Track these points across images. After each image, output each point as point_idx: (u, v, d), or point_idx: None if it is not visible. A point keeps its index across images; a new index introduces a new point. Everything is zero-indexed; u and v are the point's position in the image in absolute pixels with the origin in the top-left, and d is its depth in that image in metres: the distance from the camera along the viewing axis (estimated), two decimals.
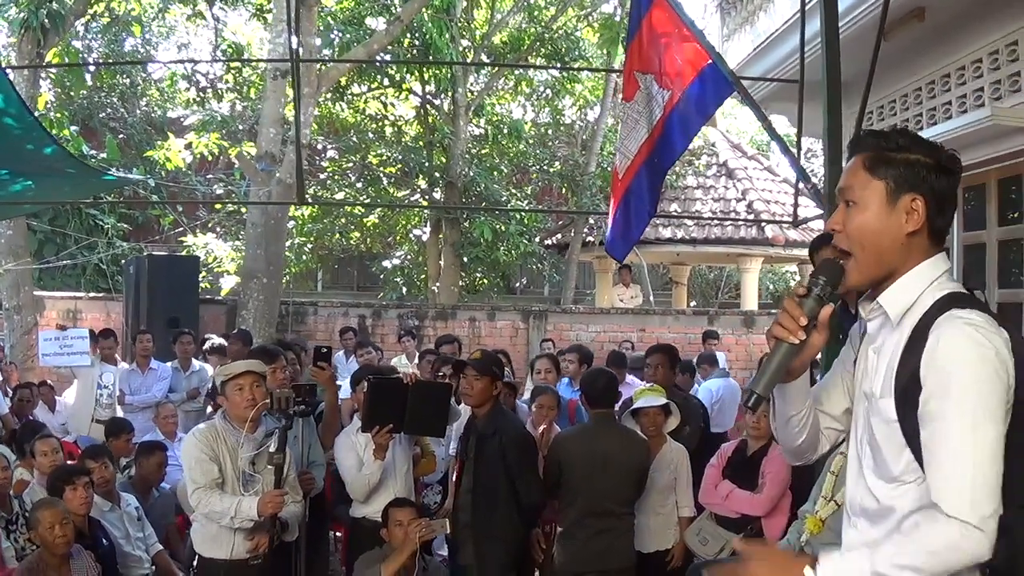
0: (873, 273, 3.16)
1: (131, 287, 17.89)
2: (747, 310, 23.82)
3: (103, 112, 29.31)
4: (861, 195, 3.13)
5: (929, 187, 3.07)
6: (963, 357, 2.86)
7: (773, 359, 3.14)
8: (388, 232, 30.87)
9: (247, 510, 6.49)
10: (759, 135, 39.93)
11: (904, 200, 3.07)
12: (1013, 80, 9.37)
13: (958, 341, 2.88)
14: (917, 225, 3.07)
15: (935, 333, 2.93)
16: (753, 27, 13.45)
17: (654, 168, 7.87)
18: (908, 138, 3.17)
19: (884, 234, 3.10)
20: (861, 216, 3.13)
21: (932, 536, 2.80)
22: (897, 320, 3.12)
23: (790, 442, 3.44)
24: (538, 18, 27.74)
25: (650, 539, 8.04)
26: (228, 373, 6.93)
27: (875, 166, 3.13)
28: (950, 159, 3.15)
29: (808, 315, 3.09)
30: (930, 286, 3.09)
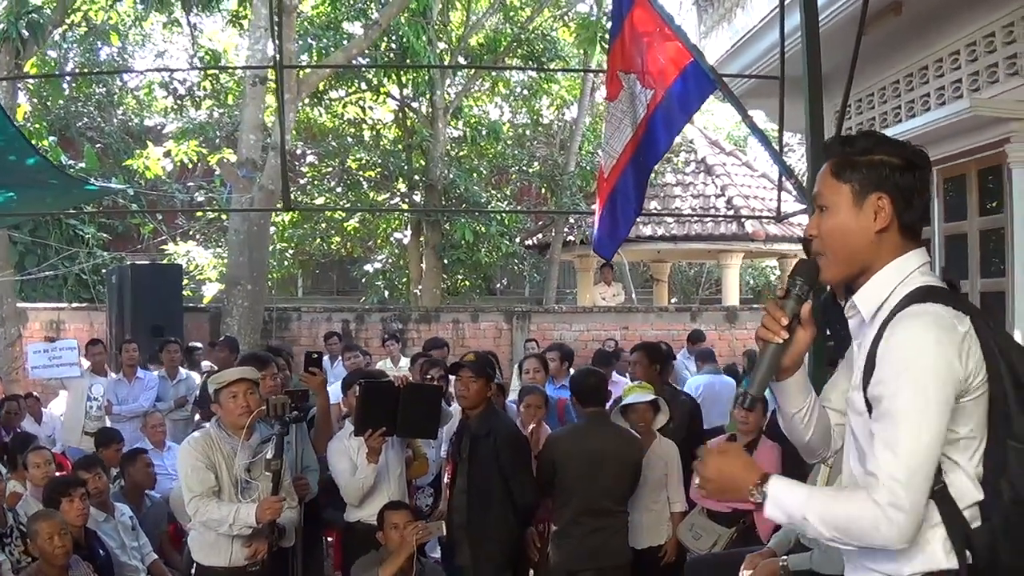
0: (845, 270, 3.28)
1: (114, 297, 17.88)
2: (729, 305, 23.91)
3: (80, 122, 29.30)
4: (831, 200, 3.25)
5: (894, 184, 3.17)
6: (911, 349, 2.97)
7: (763, 360, 3.27)
8: (369, 236, 30.87)
9: (245, 517, 6.49)
10: (736, 131, 40.04)
11: (870, 200, 3.18)
12: (991, 71, 9.43)
13: (908, 333, 2.99)
14: (885, 223, 3.17)
15: (893, 325, 3.04)
16: (730, 24, 13.50)
17: (639, 167, 7.92)
18: (872, 140, 3.28)
19: (854, 234, 3.21)
20: (832, 220, 3.25)
21: (857, 509, 2.93)
22: (869, 317, 3.22)
23: (800, 438, 3.51)
24: (514, 19, 27.76)
25: (643, 535, 8.06)
26: (221, 381, 6.92)
27: (841, 171, 3.24)
28: (915, 154, 3.25)
29: (789, 314, 3.23)
30: (902, 282, 3.18)
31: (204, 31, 27.47)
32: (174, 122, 27.02)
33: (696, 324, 20.06)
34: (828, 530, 2.98)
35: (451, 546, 7.96)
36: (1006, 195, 9.45)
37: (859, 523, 2.92)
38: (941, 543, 3.04)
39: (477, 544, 7.50)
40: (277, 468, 6.57)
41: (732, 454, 3.25)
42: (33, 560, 7.26)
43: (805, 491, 3.08)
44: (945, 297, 3.10)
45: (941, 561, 3.04)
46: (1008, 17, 9.09)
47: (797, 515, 3.03)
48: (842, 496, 3.04)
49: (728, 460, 3.20)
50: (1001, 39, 9.23)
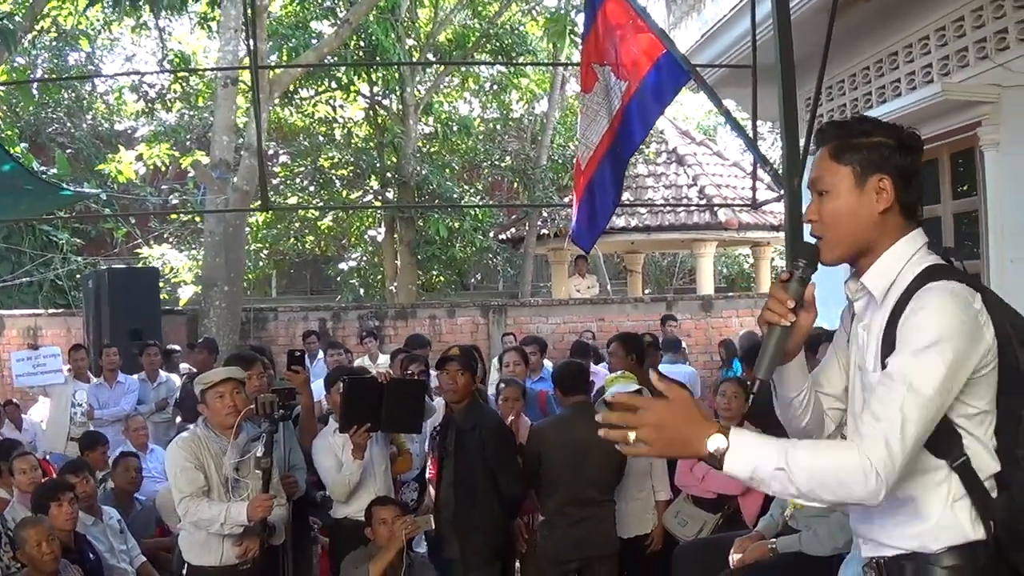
0: (847, 252, 3.30)
1: (91, 301, 17.81)
2: (704, 295, 23.92)
3: (50, 127, 29.20)
4: (831, 183, 3.28)
5: (893, 166, 3.22)
6: (936, 323, 2.99)
7: (769, 343, 3.25)
8: (342, 234, 30.86)
9: (236, 516, 6.51)
10: (706, 120, 40.17)
11: (872, 181, 3.22)
12: (961, 56, 9.51)
13: (934, 305, 3.01)
14: (888, 203, 3.21)
15: (916, 299, 3.06)
16: (700, 14, 13.56)
17: (616, 158, 7.97)
18: (869, 123, 3.32)
19: (857, 215, 3.24)
20: (834, 203, 3.27)
21: (844, 461, 2.91)
22: (881, 298, 3.25)
23: (795, 424, 3.51)
24: (482, 14, 27.76)
25: (629, 524, 8.10)
26: (207, 381, 6.93)
27: (840, 153, 3.27)
28: (910, 136, 3.30)
29: (794, 297, 3.21)
30: (909, 262, 3.22)
31: (173, 34, 27.40)
32: (145, 126, 26.99)
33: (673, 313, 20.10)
34: (806, 481, 2.87)
35: (439, 540, 7.98)
36: (978, 178, 9.53)
37: (841, 475, 2.88)
38: (968, 515, 3.09)
39: (465, 537, 7.52)
40: (267, 466, 6.60)
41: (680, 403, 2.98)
42: (22, 566, 7.27)
43: (777, 441, 2.95)
44: (956, 275, 3.15)
45: (969, 533, 3.08)
46: (977, 1, 9.16)
47: (769, 465, 2.88)
48: (824, 446, 3.07)
49: (675, 409, 2.95)
50: (970, 23, 9.31)
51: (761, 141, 26.52)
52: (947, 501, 3.09)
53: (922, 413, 2.93)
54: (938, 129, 9.65)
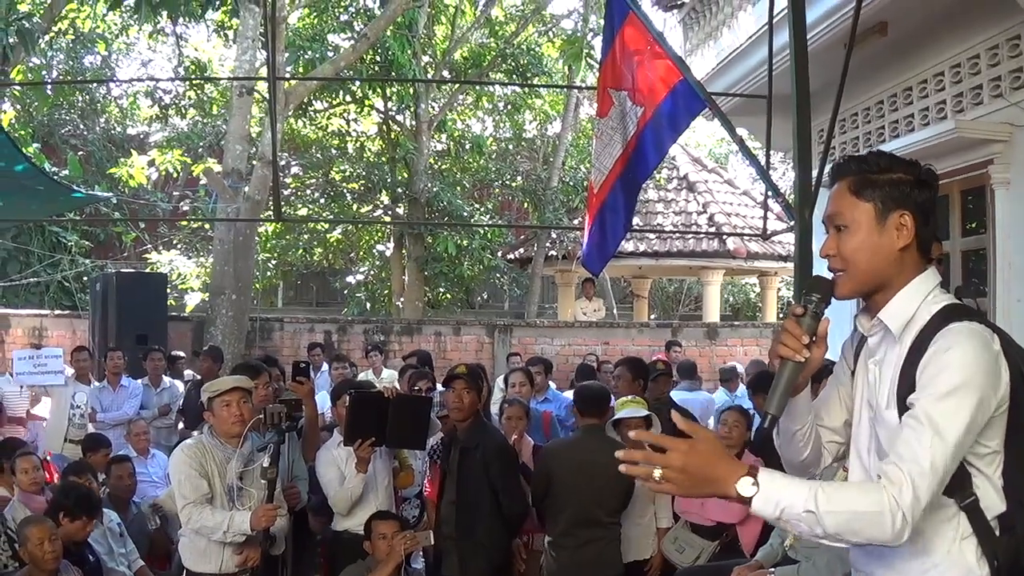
0: (864, 287, 3.30)
1: (98, 304, 17.83)
2: (710, 322, 23.90)
3: (64, 129, 29.26)
4: (851, 218, 3.26)
5: (914, 202, 3.21)
6: (962, 357, 2.99)
7: (781, 378, 3.23)
8: (351, 248, 30.88)
9: (239, 524, 6.53)
10: (718, 148, 40.17)
11: (893, 217, 3.21)
12: (975, 93, 9.52)
13: (958, 346, 3.01)
14: (908, 240, 3.21)
15: (939, 340, 3.06)
16: (716, 42, 13.59)
17: (629, 183, 7.98)
18: (888, 159, 3.30)
19: (878, 252, 3.23)
20: (854, 238, 3.25)
21: (874, 504, 2.89)
22: (899, 334, 3.24)
23: (795, 457, 3.52)
24: (499, 34, 27.81)
25: (629, 549, 8.06)
26: (215, 390, 6.95)
27: (861, 189, 3.26)
28: (928, 173, 3.29)
29: (808, 332, 3.20)
30: (925, 300, 3.22)
31: (190, 41, 27.49)
32: (158, 131, 27.06)
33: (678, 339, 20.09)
34: (834, 524, 2.86)
35: (438, 556, 7.98)
36: (988, 216, 9.54)
37: (869, 518, 2.88)
38: (974, 553, 3.10)
39: (465, 555, 7.52)
40: (273, 476, 6.62)
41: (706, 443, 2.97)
42: (21, 565, 7.28)
43: (805, 482, 2.94)
44: (975, 315, 3.16)
45: (974, 570, 3.08)
46: (993, 39, 9.18)
47: (797, 507, 2.86)
48: (852, 489, 2.99)
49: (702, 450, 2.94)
50: (986, 61, 9.33)
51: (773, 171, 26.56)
52: (954, 539, 3.10)
53: (948, 455, 2.93)
54: (950, 166, 9.66)
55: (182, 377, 14.84)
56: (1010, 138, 9.10)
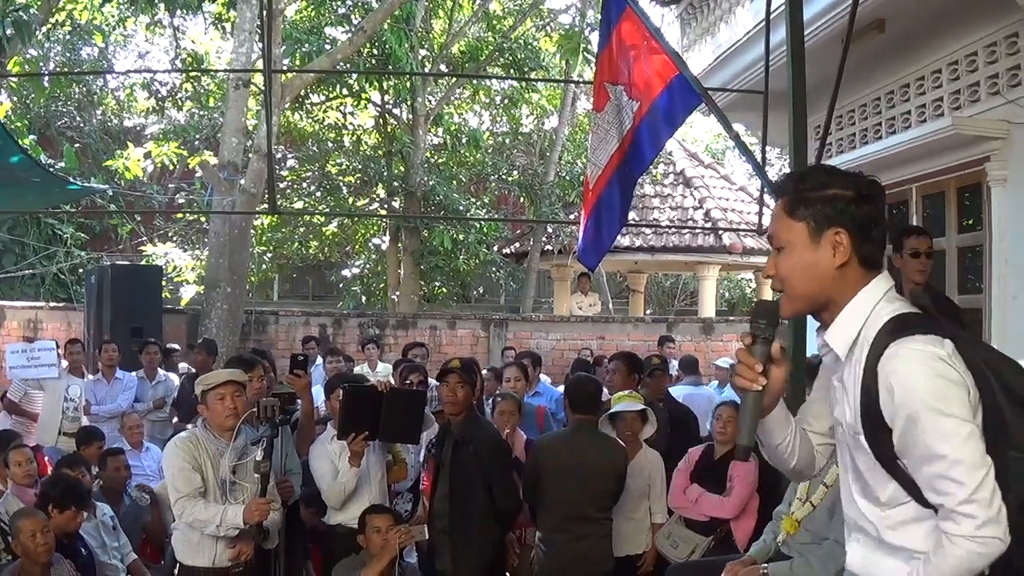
0: (806, 306, 3.33)
1: (93, 297, 17.82)
2: (705, 317, 23.96)
3: (60, 121, 29.23)
4: (786, 239, 3.29)
5: (849, 218, 3.20)
6: (918, 386, 2.98)
7: (745, 409, 3.29)
8: (347, 241, 30.88)
9: (232, 518, 6.53)
10: (714, 143, 40.17)
11: (828, 235, 3.21)
12: (972, 90, 9.53)
13: (908, 373, 3.01)
14: (844, 257, 3.20)
15: (883, 373, 3.06)
16: (714, 38, 13.59)
17: (625, 178, 7.97)
18: (825, 175, 3.30)
19: (814, 270, 3.23)
20: (790, 259, 3.27)
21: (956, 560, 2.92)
22: (844, 355, 3.24)
23: (786, 466, 3.54)
24: (496, 28, 27.80)
25: (622, 544, 8.06)
26: (210, 383, 6.94)
27: (794, 209, 3.27)
28: (869, 185, 3.27)
29: (760, 359, 3.24)
30: (871, 314, 3.21)
31: (187, 33, 27.46)
32: (154, 124, 27.02)
33: (672, 335, 20.11)
34: None
35: (431, 550, 7.98)
36: (985, 213, 9.54)
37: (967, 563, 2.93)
38: None
39: (458, 549, 7.50)
40: (266, 470, 6.61)
41: None
42: (13, 558, 7.28)
43: None
44: (918, 325, 3.13)
45: None
46: (991, 37, 9.20)
47: None
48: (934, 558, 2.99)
49: None
50: (983, 58, 9.34)
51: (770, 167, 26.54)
52: None
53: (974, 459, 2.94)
54: (946, 163, 9.68)
55: (177, 370, 14.82)
56: (1007, 135, 9.11)
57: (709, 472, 8.15)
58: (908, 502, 3.12)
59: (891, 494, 3.15)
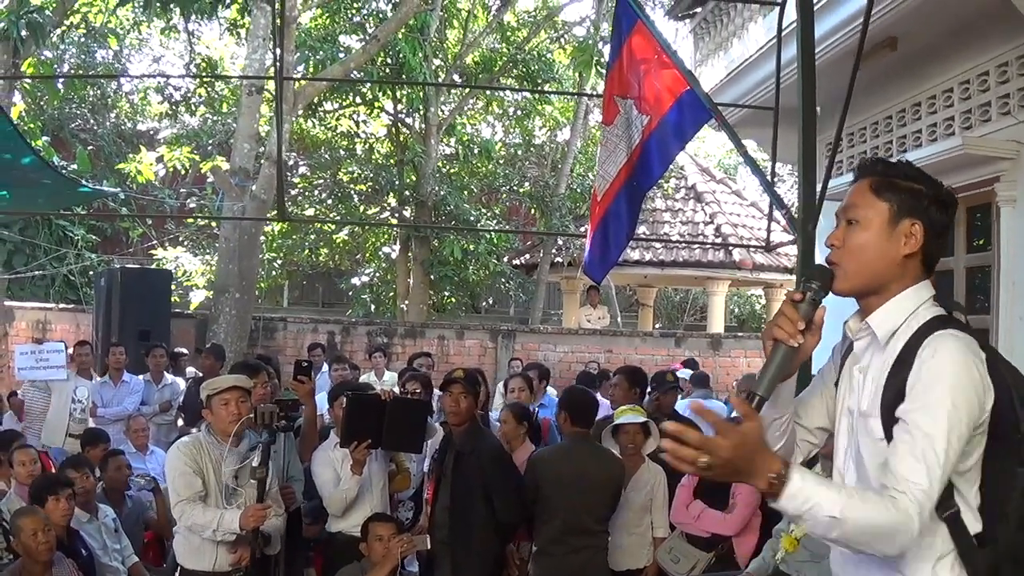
0: (861, 285, 3.31)
1: (102, 299, 17.86)
2: (714, 333, 23.94)
3: (73, 123, 29.29)
4: (865, 214, 3.28)
5: (928, 216, 3.23)
6: (949, 367, 3.00)
7: (773, 361, 3.24)
8: (357, 249, 30.90)
9: (229, 523, 6.55)
10: (727, 159, 40.15)
11: (904, 224, 3.23)
12: (983, 110, 9.51)
13: (945, 355, 3.02)
14: (914, 248, 3.23)
15: (927, 348, 3.07)
16: (727, 53, 13.58)
17: (633, 191, 7.97)
18: (915, 170, 3.33)
19: (882, 252, 3.25)
20: (863, 234, 3.27)
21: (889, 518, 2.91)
22: (885, 341, 3.25)
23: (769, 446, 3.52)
24: (510, 39, 27.83)
25: (623, 558, 8.07)
26: (215, 388, 6.96)
27: (881, 189, 3.28)
28: (949, 195, 3.31)
29: (804, 318, 3.22)
30: (916, 310, 3.23)
31: (202, 38, 27.52)
32: (167, 128, 27.10)
33: (680, 350, 20.13)
34: (853, 533, 2.92)
35: (431, 560, 7.99)
36: (994, 233, 9.53)
37: (885, 535, 2.92)
38: (949, 568, 3.11)
39: (458, 560, 7.50)
40: (263, 476, 6.62)
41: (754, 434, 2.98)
42: (15, 557, 7.28)
43: (836, 487, 3.00)
44: (963, 328, 3.17)
45: None
46: (1002, 56, 9.17)
47: (823, 511, 2.89)
48: (872, 500, 2.98)
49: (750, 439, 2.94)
50: (995, 78, 9.31)
51: (782, 183, 26.62)
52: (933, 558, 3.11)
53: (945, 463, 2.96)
54: (956, 182, 9.63)
55: (184, 374, 14.86)
56: (1017, 156, 9.08)
57: (712, 488, 8.10)
58: None
59: None
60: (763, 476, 2.93)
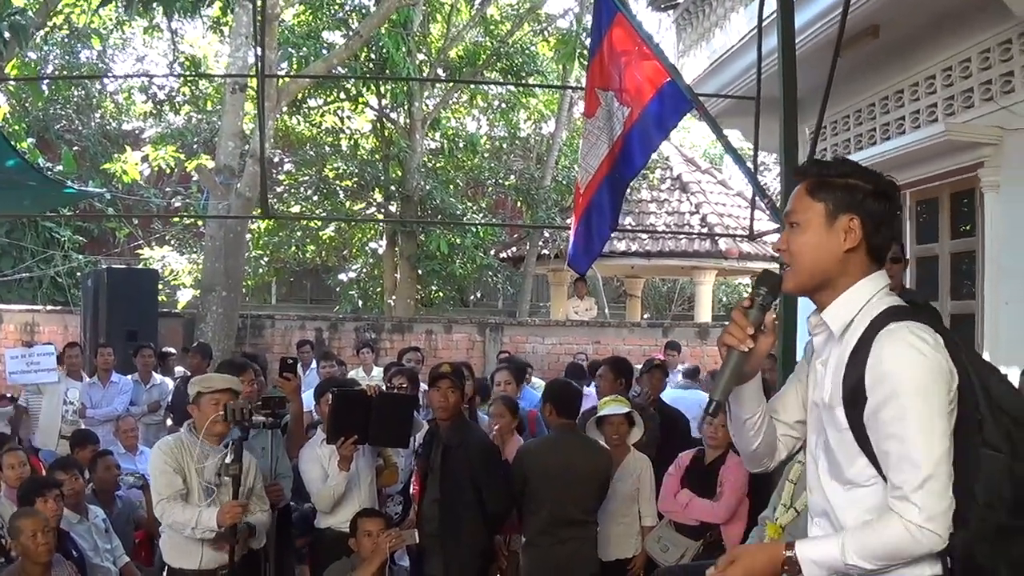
0: (808, 282, 3.42)
1: (90, 300, 17.86)
2: (701, 322, 24.00)
3: (59, 124, 29.22)
4: (803, 217, 3.40)
5: (866, 209, 3.32)
6: (906, 367, 3.10)
7: (727, 366, 3.37)
8: (344, 245, 30.86)
9: (207, 521, 6.57)
10: (712, 148, 40.14)
11: (842, 220, 3.33)
12: (966, 96, 9.55)
13: (899, 352, 3.12)
14: (854, 243, 3.32)
15: (877, 345, 3.17)
16: (708, 43, 13.61)
17: (615, 183, 7.98)
18: (848, 165, 3.44)
19: (823, 250, 3.35)
20: (803, 235, 3.39)
21: (893, 535, 3.06)
22: (839, 334, 3.35)
23: (746, 446, 3.63)
24: (494, 33, 27.77)
25: (612, 548, 8.09)
26: (208, 386, 6.98)
27: (816, 190, 3.39)
28: (887, 184, 3.41)
29: (753, 323, 3.34)
30: (869, 302, 3.33)
31: (185, 36, 27.46)
32: (152, 127, 27.04)
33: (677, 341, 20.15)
34: (874, 562, 3.10)
35: (421, 554, 7.99)
36: (978, 219, 9.57)
37: (898, 546, 3.07)
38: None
39: (448, 553, 7.50)
40: (236, 473, 6.59)
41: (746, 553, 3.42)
42: (7, 561, 7.28)
43: (833, 540, 3.20)
44: (914, 315, 3.23)
45: (924, 569, 3.16)
46: (984, 43, 9.22)
47: (839, 563, 3.14)
48: (872, 528, 3.14)
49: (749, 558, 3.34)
50: (977, 65, 9.36)
51: (767, 171, 26.65)
52: None
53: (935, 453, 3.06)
54: (940, 169, 9.70)
55: (172, 374, 14.86)
56: (1000, 141, 9.14)
57: (699, 476, 8.14)
58: (872, 484, 3.23)
59: (858, 469, 3.26)
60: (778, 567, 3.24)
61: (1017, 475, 3.14)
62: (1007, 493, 3.13)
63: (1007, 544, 3.15)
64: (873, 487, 3.22)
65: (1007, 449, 3.15)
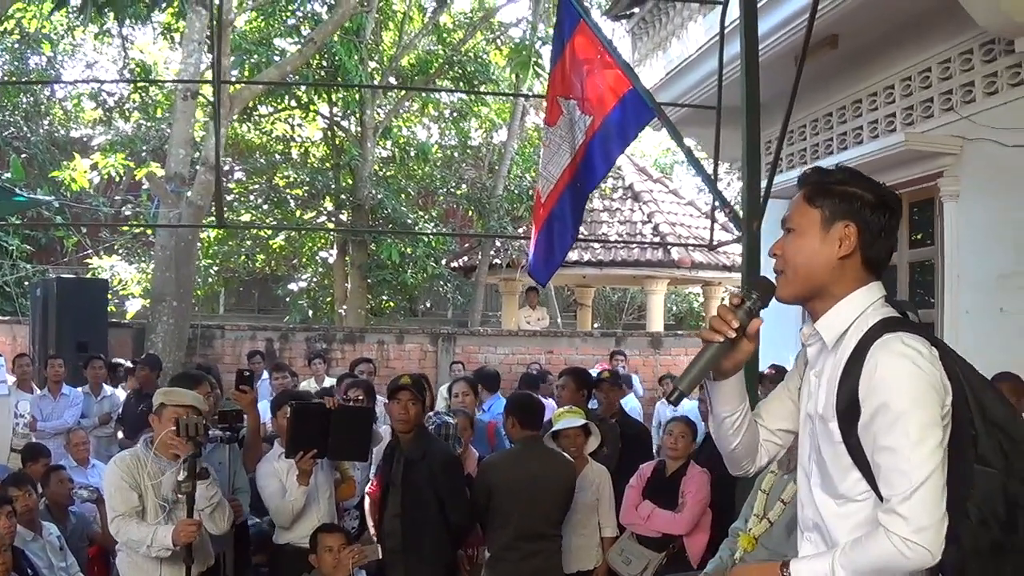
0: (801, 290, 3.37)
1: (38, 310, 17.65)
2: (654, 331, 23.99)
3: (7, 131, 28.96)
4: (799, 222, 3.36)
5: (862, 218, 3.28)
6: (899, 379, 3.04)
7: (699, 359, 3.34)
8: (294, 255, 30.76)
9: (163, 539, 6.43)
10: (663, 158, 40.31)
11: (837, 227, 3.28)
12: (925, 106, 9.58)
13: (893, 363, 3.06)
14: (848, 251, 3.28)
15: (871, 358, 3.11)
16: (665, 53, 13.60)
17: (576, 193, 7.94)
18: (848, 173, 3.38)
19: (817, 256, 3.30)
20: (798, 240, 3.35)
21: (882, 550, 3.00)
22: (832, 345, 3.31)
23: (727, 445, 3.59)
24: (446, 41, 27.79)
25: (573, 560, 8.03)
26: (174, 401, 6.84)
27: (814, 196, 3.35)
28: (889, 196, 3.36)
29: (740, 322, 3.30)
30: (863, 313, 3.28)
31: (135, 43, 27.28)
32: (101, 134, 26.82)
33: (622, 348, 20.12)
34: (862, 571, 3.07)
35: (382, 570, 7.91)
36: (936, 228, 9.59)
37: (887, 561, 3.01)
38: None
39: (411, 569, 7.44)
40: (189, 490, 6.47)
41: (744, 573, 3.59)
42: None
43: (825, 557, 3.16)
44: (910, 327, 3.19)
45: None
46: (945, 53, 9.26)
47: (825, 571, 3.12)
48: (861, 545, 3.09)
49: None
50: (937, 74, 9.39)
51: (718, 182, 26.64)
52: None
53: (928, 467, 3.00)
54: (899, 178, 9.71)
55: (124, 385, 14.69)
56: (960, 151, 9.19)
57: (661, 488, 8.13)
58: (865, 499, 3.18)
59: (851, 484, 3.22)
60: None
61: (1011, 492, 3.11)
62: (1001, 510, 3.10)
63: (1000, 562, 3.12)
64: (866, 501, 3.18)
65: (1001, 466, 3.12)
